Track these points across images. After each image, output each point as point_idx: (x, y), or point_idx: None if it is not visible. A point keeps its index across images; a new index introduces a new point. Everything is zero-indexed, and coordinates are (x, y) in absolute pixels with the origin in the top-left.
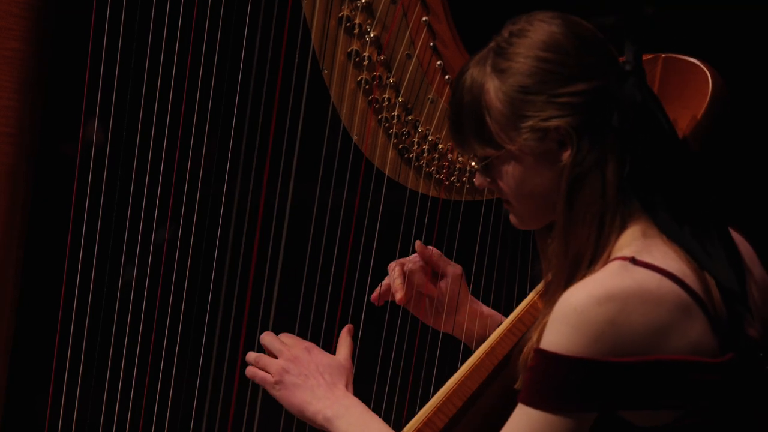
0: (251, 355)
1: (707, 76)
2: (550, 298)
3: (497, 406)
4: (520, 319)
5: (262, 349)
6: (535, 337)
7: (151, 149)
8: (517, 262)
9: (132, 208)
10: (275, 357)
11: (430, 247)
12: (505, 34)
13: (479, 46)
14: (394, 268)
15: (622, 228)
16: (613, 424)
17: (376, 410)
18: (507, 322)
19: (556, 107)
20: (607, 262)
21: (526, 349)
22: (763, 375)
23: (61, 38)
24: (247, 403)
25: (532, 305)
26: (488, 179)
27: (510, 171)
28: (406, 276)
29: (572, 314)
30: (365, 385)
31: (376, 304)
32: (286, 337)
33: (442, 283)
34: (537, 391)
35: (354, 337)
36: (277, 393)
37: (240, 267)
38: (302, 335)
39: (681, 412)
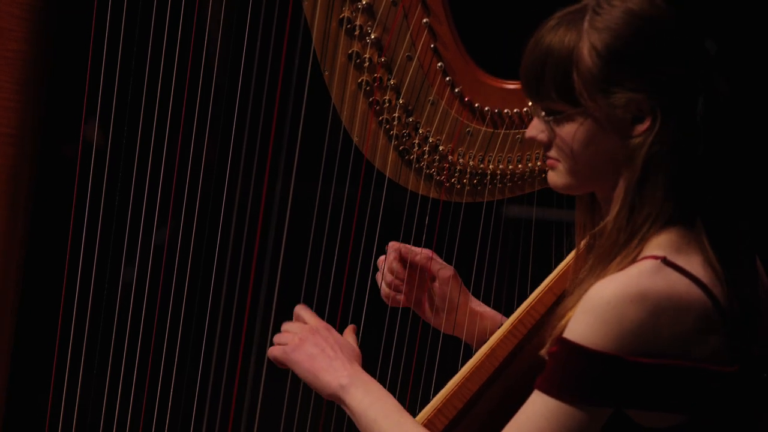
0: (285, 325)
1: None
2: (594, 268)
3: (498, 408)
4: (520, 320)
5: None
6: (567, 316)
7: (151, 150)
8: (517, 264)
9: (132, 208)
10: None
11: (421, 249)
12: None
13: (480, 48)
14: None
15: (667, 223)
16: (619, 423)
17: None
18: (507, 323)
19: (648, 81)
20: (639, 255)
21: (558, 323)
22: (762, 389)
23: (61, 39)
24: (246, 404)
25: (533, 307)
26: (548, 133)
27: (578, 130)
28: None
29: (603, 308)
30: None
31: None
32: (306, 314)
33: (435, 285)
34: (556, 379)
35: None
36: (292, 354)
37: (240, 268)
38: None
39: (689, 417)
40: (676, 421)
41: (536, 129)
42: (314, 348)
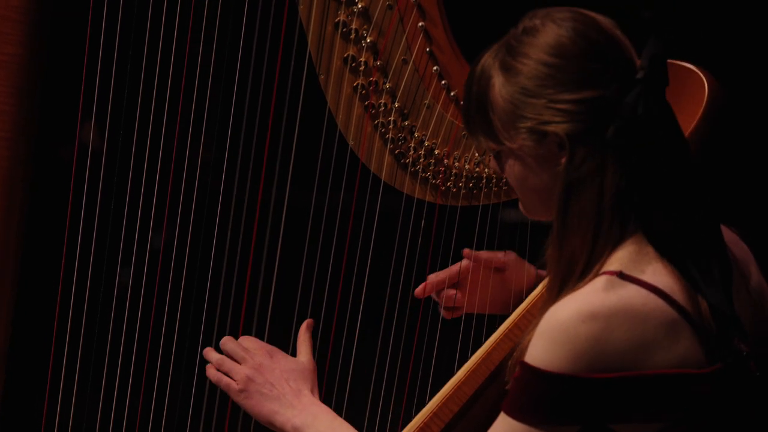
0: (211, 356)
1: (703, 81)
2: (544, 303)
3: (493, 411)
4: (516, 324)
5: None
6: (526, 341)
7: (147, 153)
8: None
9: (128, 211)
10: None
11: (481, 252)
12: (519, 29)
13: (475, 52)
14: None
15: (620, 240)
16: None
17: (373, 414)
18: (503, 327)
19: (555, 112)
20: (598, 273)
21: (517, 352)
22: (754, 386)
23: (57, 42)
24: (242, 409)
25: (528, 311)
26: (498, 168)
27: (512, 166)
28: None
29: (556, 330)
30: (362, 390)
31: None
32: (248, 341)
33: (500, 275)
34: (519, 402)
35: (350, 342)
36: (243, 401)
37: (236, 271)
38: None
39: (669, 423)
40: (660, 427)
41: (494, 162)
42: (263, 388)
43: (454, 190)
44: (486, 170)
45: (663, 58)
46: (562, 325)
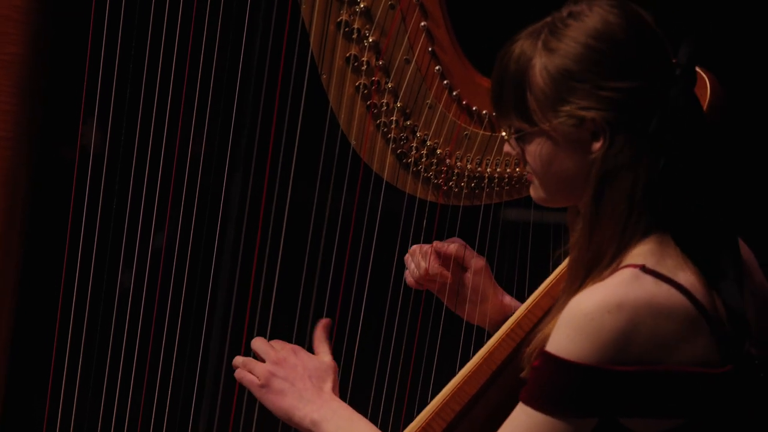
0: (238, 360)
1: (705, 82)
2: (566, 290)
3: (496, 411)
4: (518, 324)
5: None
6: (546, 330)
7: (149, 153)
8: (515, 267)
9: (130, 212)
10: (263, 361)
11: (453, 238)
12: (564, 13)
13: (478, 51)
14: (415, 252)
15: (645, 234)
16: (612, 431)
17: (375, 414)
18: (505, 326)
19: (597, 99)
20: (619, 266)
21: (535, 340)
22: (760, 388)
23: (59, 42)
24: (244, 408)
25: (530, 310)
26: (517, 150)
27: (540, 148)
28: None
29: (582, 320)
30: (364, 390)
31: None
32: (276, 343)
33: (467, 275)
34: (539, 392)
35: (352, 342)
36: (263, 397)
37: (238, 271)
38: (300, 339)
39: (681, 421)
40: (669, 425)
41: (509, 146)
42: (283, 383)
43: (456, 189)
44: (488, 169)
45: (696, 58)
46: (587, 315)
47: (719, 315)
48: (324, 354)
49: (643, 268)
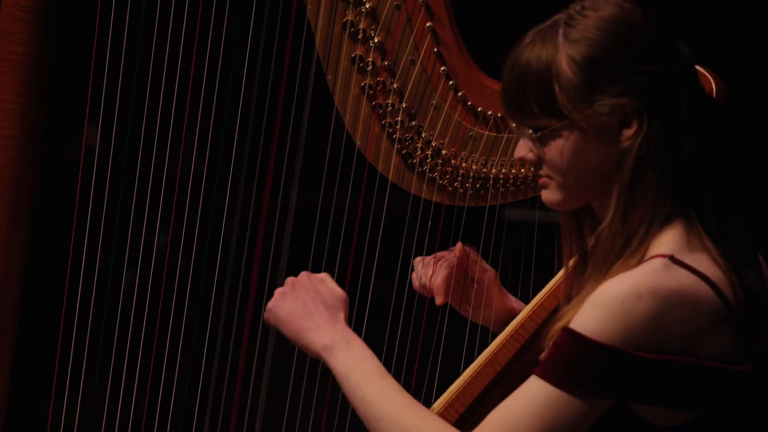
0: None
1: (709, 81)
2: (593, 276)
3: None
4: (522, 325)
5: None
6: (565, 319)
7: (154, 153)
8: (519, 268)
9: (135, 212)
10: None
11: (469, 246)
12: (577, 7)
13: (483, 52)
14: (429, 264)
15: (667, 221)
16: (625, 420)
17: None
18: (509, 328)
19: (629, 84)
20: (644, 254)
21: (554, 328)
22: None
23: (64, 42)
24: (248, 408)
25: (534, 311)
26: (535, 150)
27: (566, 143)
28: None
29: (612, 302)
30: None
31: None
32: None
33: (476, 286)
34: (559, 368)
35: None
36: (273, 317)
37: (243, 272)
38: None
39: (695, 415)
40: (682, 419)
41: (524, 149)
42: (294, 303)
43: (461, 190)
44: (493, 170)
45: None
46: (617, 298)
47: (741, 309)
48: (336, 286)
49: (672, 259)
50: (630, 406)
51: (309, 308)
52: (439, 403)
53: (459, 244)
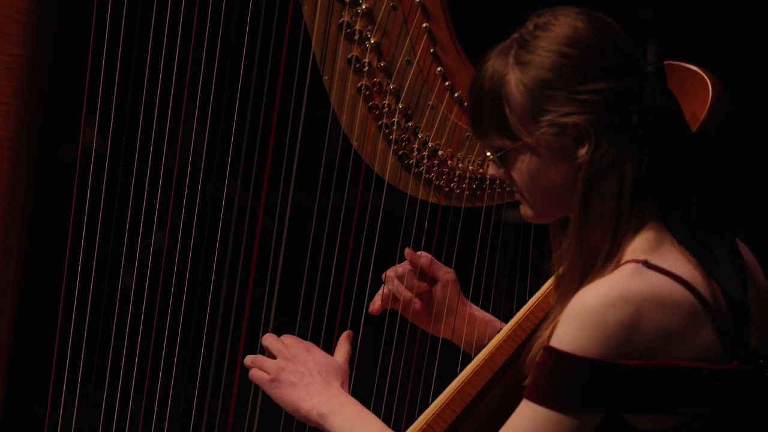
0: (249, 358)
1: (707, 83)
2: (562, 294)
3: (497, 413)
4: (519, 326)
5: (263, 353)
6: (545, 335)
7: (150, 154)
8: (516, 268)
9: (131, 212)
10: (274, 358)
11: (421, 252)
12: (530, 26)
13: (480, 53)
14: (387, 278)
15: (637, 230)
16: (616, 428)
17: (375, 415)
18: (507, 328)
19: (576, 104)
20: (619, 263)
21: (535, 346)
22: (763, 383)
23: (60, 43)
24: (247, 408)
25: (532, 312)
26: (502, 170)
27: (525, 163)
28: (394, 284)
29: (586, 314)
30: (365, 391)
31: (376, 314)
32: (287, 338)
33: (436, 288)
34: (544, 388)
35: (353, 343)
36: (273, 391)
37: (240, 272)
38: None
39: (684, 418)
40: (673, 422)
41: (493, 167)
42: (293, 377)
43: (458, 191)
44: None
45: (664, 55)
46: (590, 309)
47: (721, 308)
48: (340, 356)
49: (646, 263)
50: (620, 415)
51: (306, 380)
52: (437, 403)
53: (407, 249)
